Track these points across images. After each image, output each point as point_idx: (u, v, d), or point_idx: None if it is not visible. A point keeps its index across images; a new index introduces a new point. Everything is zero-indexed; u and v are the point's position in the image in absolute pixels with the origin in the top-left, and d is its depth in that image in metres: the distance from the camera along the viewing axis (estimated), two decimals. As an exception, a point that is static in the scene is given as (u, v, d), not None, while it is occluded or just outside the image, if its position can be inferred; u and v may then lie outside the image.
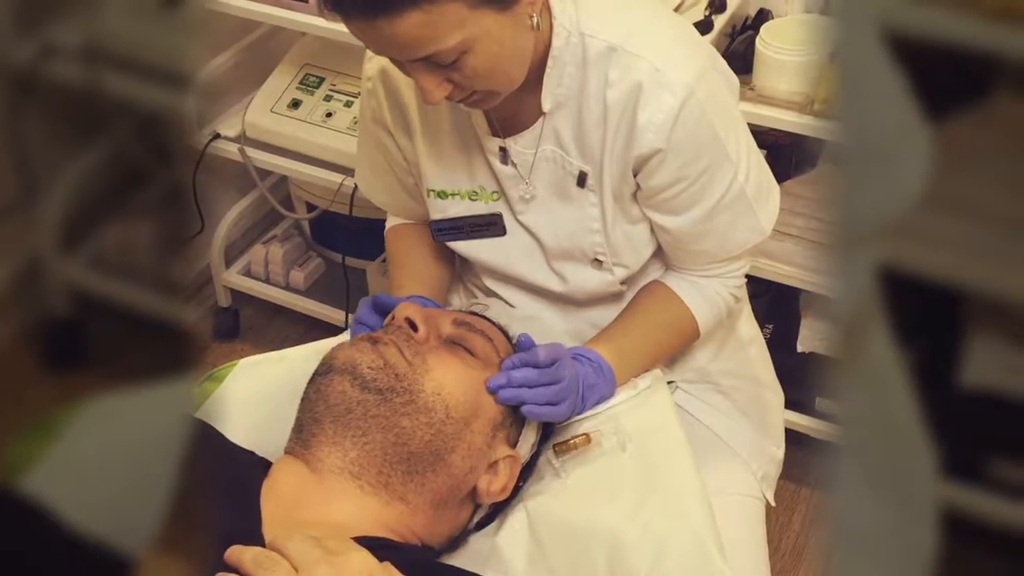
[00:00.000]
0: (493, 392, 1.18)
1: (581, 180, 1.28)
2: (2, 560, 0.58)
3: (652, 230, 1.34)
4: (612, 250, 1.31)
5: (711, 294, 1.37)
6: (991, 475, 0.60)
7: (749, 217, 1.30)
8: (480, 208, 1.35)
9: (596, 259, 1.32)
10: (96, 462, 0.60)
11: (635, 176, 1.25)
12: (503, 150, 1.29)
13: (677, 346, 1.41)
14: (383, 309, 1.31)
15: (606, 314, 1.39)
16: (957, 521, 0.60)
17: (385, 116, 1.35)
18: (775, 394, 1.58)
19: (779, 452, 1.52)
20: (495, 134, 1.29)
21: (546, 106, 1.24)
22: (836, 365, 0.69)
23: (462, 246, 1.39)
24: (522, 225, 1.34)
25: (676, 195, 1.25)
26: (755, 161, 1.29)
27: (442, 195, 1.36)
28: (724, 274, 1.37)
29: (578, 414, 1.27)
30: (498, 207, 1.34)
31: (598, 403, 1.29)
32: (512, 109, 1.25)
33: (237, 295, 2.66)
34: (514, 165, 1.30)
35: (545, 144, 1.27)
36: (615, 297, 1.40)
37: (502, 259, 1.38)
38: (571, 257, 1.33)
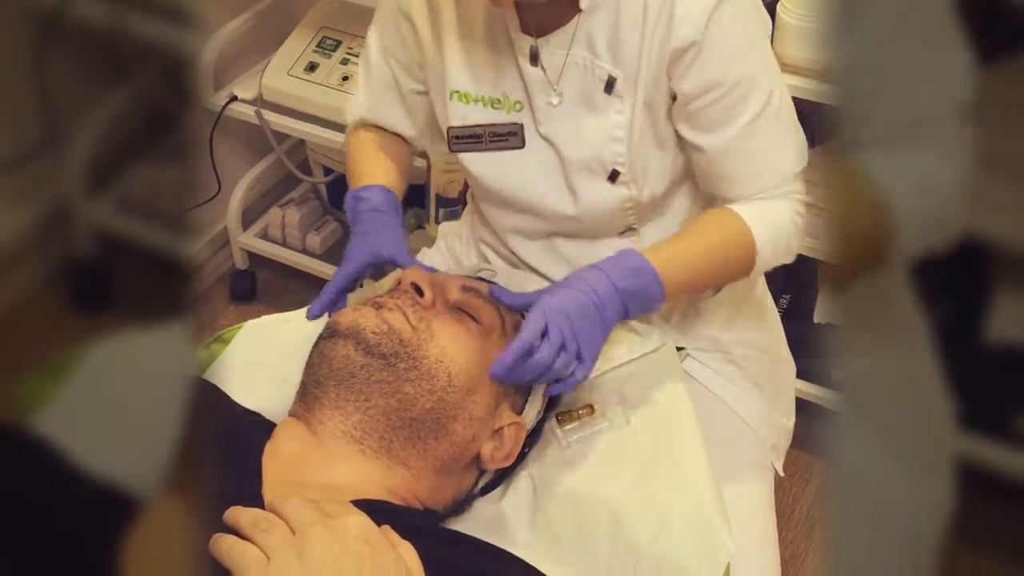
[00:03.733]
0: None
1: (609, 86, 1.26)
2: (13, 498, 0.59)
3: (677, 159, 1.32)
4: (631, 164, 1.29)
5: (771, 211, 1.29)
6: (1014, 429, 0.60)
7: (789, 140, 1.28)
8: (501, 117, 1.33)
9: (615, 170, 1.29)
10: (106, 403, 0.60)
11: (670, 81, 1.24)
12: (534, 51, 1.27)
13: (733, 260, 1.31)
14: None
15: (621, 246, 1.35)
16: (977, 475, 0.60)
17: (413, 7, 1.33)
18: (787, 365, 1.56)
19: (789, 423, 1.51)
20: (527, 34, 1.28)
21: (584, 3, 1.23)
22: (853, 324, 0.70)
23: (478, 163, 1.36)
24: (542, 137, 1.32)
25: (711, 103, 1.23)
26: (787, 94, 1.28)
27: (464, 98, 1.33)
28: (786, 193, 1.29)
29: (625, 318, 1.24)
30: (520, 118, 1.32)
31: (648, 307, 1.24)
32: (547, 9, 1.24)
33: (254, 258, 2.67)
34: (543, 68, 1.28)
35: (576, 48, 1.26)
36: (626, 234, 1.38)
37: (518, 179, 1.35)
38: (589, 169, 1.31)
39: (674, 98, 1.26)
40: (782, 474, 1.48)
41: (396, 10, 1.35)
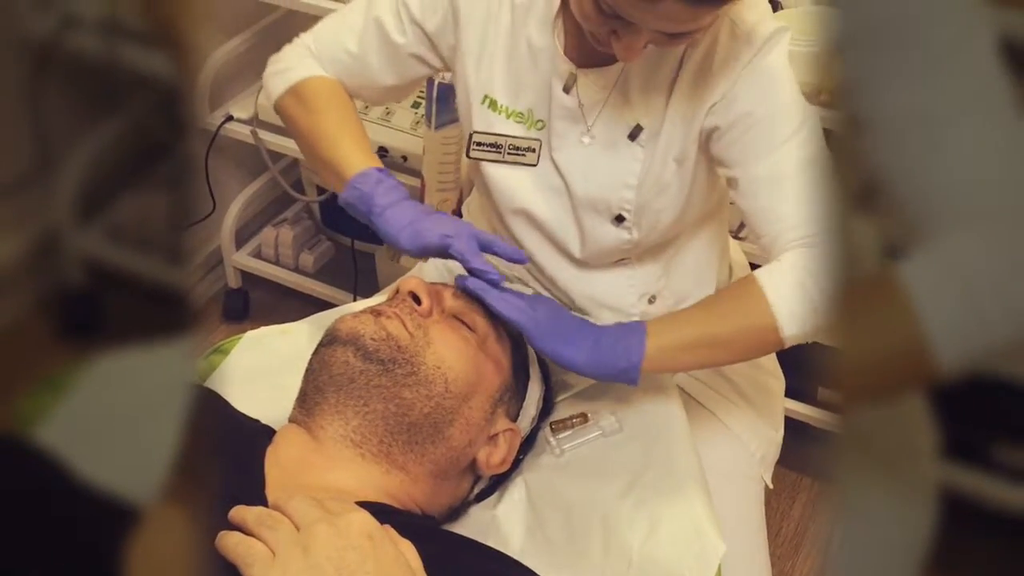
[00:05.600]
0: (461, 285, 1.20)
1: (634, 134, 1.27)
2: (13, 507, 0.60)
3: (700, 207, 1.33)
4: (637, 211, 1.30)
5: (796, 271, 1.19)
6: (992, 458, 0.60)
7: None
8: (522, 132, 1.33)
9: (620, 215, 1.30)
10: (106, 415, 0.61)
11: (701, 133, 1.25)
12: (571, 80, 1.28)
13: (744, 324, 1.22)
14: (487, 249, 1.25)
15: (616, 280, 1.38)
16: (957, 503, 0.60)
17: (474, 4, 1.31)
18: (776, 379, 1.59)
19: (778, 435, 1.53)
20: (569, 58, 1.28)
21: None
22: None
23: (495, 174, 1.35)
24: (554, 163, 1.32)
25: (741, 135, 1.22)
26: (821, 136, 1.25)
27: (493, 106, 1.33)
28: (814, 243, 1.19)
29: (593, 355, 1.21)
30: (540, 136, 1.32)
31: (627, 350, 1.20)
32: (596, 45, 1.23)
33: (247, 277, 2.68)
34: (578, 99, 1.29)
35: (615, 92, 1.27)
36: (620, 263, 1.39)
37: (529, 196, 1.34)
38: (595, 209, 1.31)
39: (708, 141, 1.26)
40: (771, 486, 1.50)
41: None
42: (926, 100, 0.61)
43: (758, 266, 1.27)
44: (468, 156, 1.36)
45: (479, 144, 1.34)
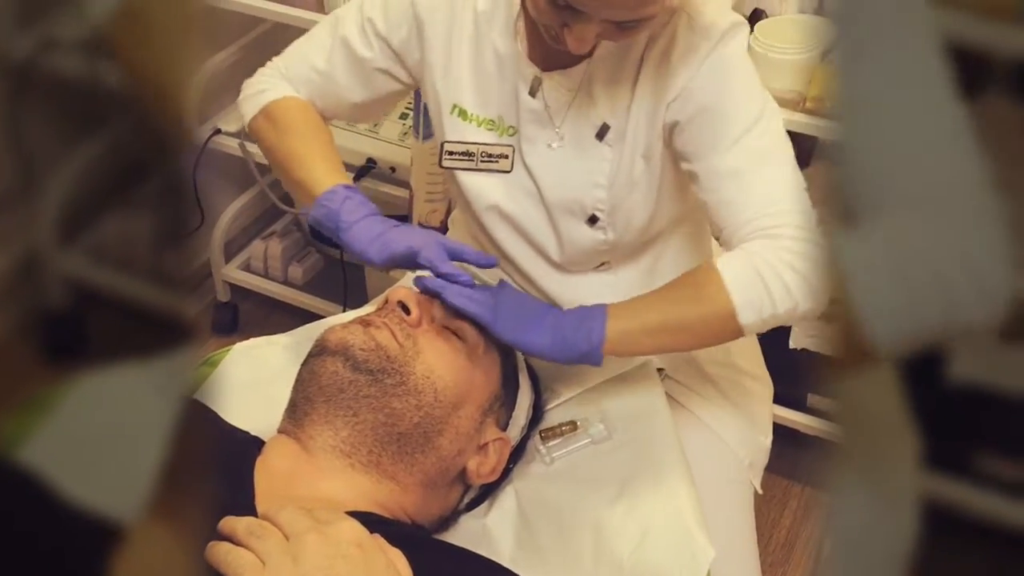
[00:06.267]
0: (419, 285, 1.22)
1: (601, 133, 1.29)
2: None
3: (672, 206, 1.34)
4: (611, 210, 1.31)
5: (753, 259, 1.19)
6: (977, 470, 0.60)
7: (783, 168, 1.24)
8: (494, 139, 1.34)
9: (594, 215, 1.32)
10: (90, 434, 0.61)
11: (664, 127, 1.26)
12: (536, 83, 1.29)
13: (702, 312, 1.21)
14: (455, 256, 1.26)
15: (598, 286, 1.39)
16: (940, 513, 0.60)
17: (435, 13, 1.32)
18: (764, 384, 1.59)
19: (766, 441, 1.54)
20: (533, 63, 1.30)
21: (599, 51, 1.25)
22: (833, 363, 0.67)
23: (468, 182, 1.37)
24: (526, 167, 1.33)
25: (699, 129, 1.23)
26: (782, 131, 1.27)
27: (463, 115, 1.35)
28: (773, 233, 1.19)
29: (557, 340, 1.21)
30: (512, 142, 1.34)
31: (587, 331, 1.20)
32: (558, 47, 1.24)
33: (236, 290, 2.68)
34: (544, 102, 1.30)
35: (581, 92, 1.28)
36: (600, 268, 1.40)
37: (505, 201, 1.36)
38: (569, 211, 1.33)
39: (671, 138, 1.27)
40: (760, 491, 1.50)
41: (408, 6, 1.33)
42: (869, 82, 0.62)
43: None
44: (441, 165, 1.37)
45: (451, 153, 1.36)
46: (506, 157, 1.34)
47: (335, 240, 1.29)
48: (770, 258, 1.18)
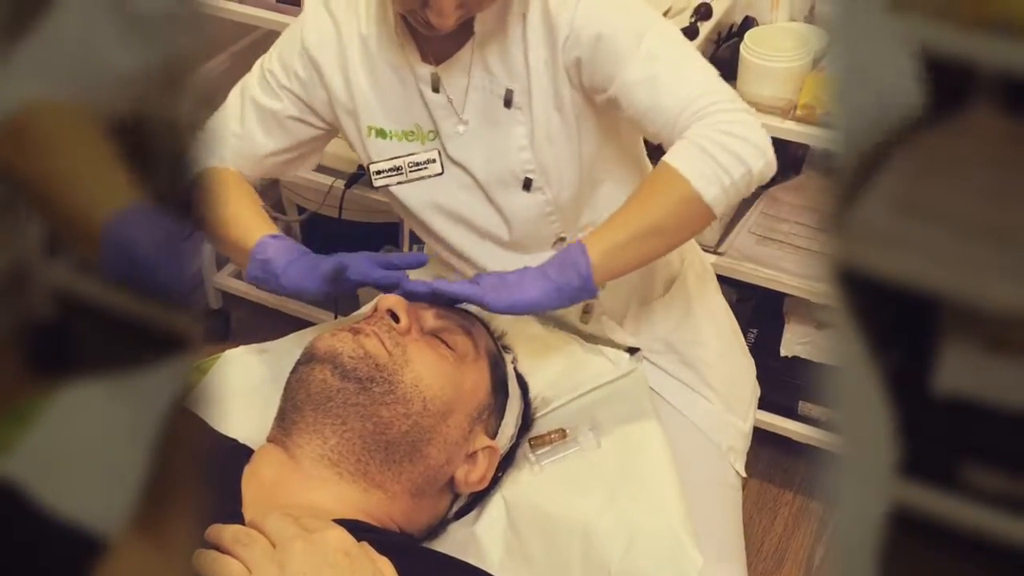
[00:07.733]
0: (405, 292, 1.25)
1: (508, 100, 1.33)
2: None
3: (603, 150, 1.38)
4: (542, 168, 1.35)
5: (694, 140, 1.23)
6: (962, 481, 0.61)
7: (690, 59, 1.30)
8: (417, 147, 1.39)
9: (527, 178, 1.36)
10: (74, 446, 0.61)
11: (567, 72, 1.29)
12: (435, 80, 1.34)
13: (667, 204, 1.25)
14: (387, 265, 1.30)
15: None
16: (922, 524, 0.60)
17: (322, 50, 1.37)
18: (744, 367, 1.60)
19: (745, 425, 1.54)
20: (427, 63, 1.34)
21: (477, 28, 1.29)
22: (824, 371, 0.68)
23: (404, 192, 1.41)
24: (454, 162, 1.38)
25: (600, 56, 1.27)
26: (676, 31, 1.33)
27: (381, 134, 1.39)
28: (709, 111, 1.24)
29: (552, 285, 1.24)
30: (435, 145, 1.38)
31: (576, 267, 1.23)
32: (444, 38, 1.29)
33: (228, 297, 2.68)
34: (447, 95, 1.34)
35: (475, 72, 1.33)
36: (556, 244, 1.42)
37: (446, 201, 1.41)
38: (503, 183, 1.37)
39: (581, 82, 1.31)
40: (743, 474, 1.50)
41: (301, 51, 1.38)
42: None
43: (722, 276, 1.30)
44: (374, 187, 1.42)
45: (379, 172, 1.40)
46: (433, 161, 1.38)
47: (277, 290, 1.32)
48: (708, 133, 1.23)
